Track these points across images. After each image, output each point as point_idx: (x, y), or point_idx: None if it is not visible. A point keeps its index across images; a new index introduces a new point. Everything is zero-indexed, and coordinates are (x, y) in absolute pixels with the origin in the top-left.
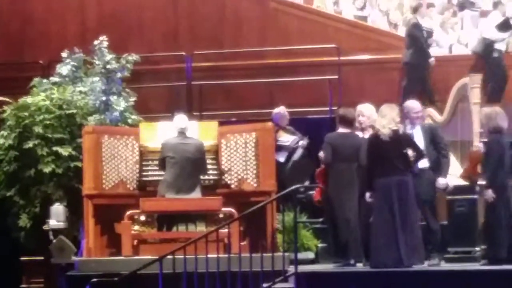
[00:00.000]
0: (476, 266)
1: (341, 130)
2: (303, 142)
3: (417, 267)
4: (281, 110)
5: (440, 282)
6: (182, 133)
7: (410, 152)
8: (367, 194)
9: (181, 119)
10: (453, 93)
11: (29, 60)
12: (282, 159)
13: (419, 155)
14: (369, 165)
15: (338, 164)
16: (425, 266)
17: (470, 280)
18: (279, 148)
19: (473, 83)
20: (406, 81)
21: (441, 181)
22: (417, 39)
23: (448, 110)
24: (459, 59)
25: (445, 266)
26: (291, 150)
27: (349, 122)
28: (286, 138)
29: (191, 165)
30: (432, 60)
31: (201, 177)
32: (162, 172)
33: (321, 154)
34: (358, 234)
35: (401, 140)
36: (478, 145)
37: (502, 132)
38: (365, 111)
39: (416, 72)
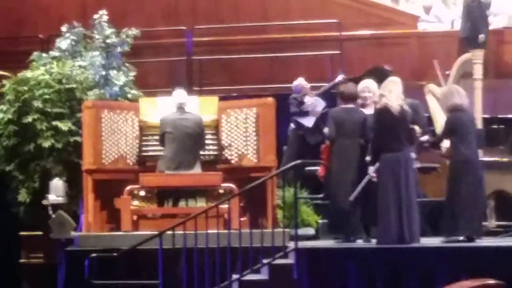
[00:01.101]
0: (477, 243)
1: (344, 105)
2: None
3: (418, 244)
4: (300, 81)
5: (441, 259)
6: (181, 108)
7: (417, 128)
8: (371, 169)
9: (180, 94)
10: (455, 69)
11: (28, 34)
12: (309, 123)
13: (424, 131)
14: (377, 139)
15: (341, 140)
16: (425, 242)
17: (472, 257)
18: (306, 114)
19: (476, 58)
20: None
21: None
22: (472, 12)
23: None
24: None
25: (446, 243)
26: (319, 116)
27: (349, 97)
28: (310, 99)
29: (190, 141)
30: (481, 36)
31: (201, 152)
32: (162, 148)
33: (326, 130)
34: (354, 210)
35: (407, 115)
36: None
37: (462, 110)
38: (372, 87)
39: (472, 47)
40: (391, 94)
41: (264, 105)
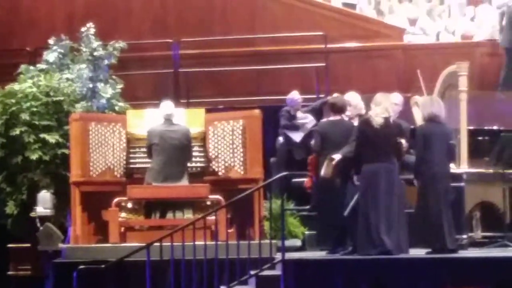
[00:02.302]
0: (462, 253)
1: (332, 117)
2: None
3: (404, 255)
4: (294, 95)
5: (427, 270)
6: (168, 120)
7: (404, 142)
8: (355, 178)
9: (167, 106)
10: (440, 81)
11: (16, 47)
12: (298, 138)
13: (409, 145)
14: (358, 150)
15: (328, 152)
16: (411, 254)
17: (457, 268)
18: (296, 128)
19: (461, 70)
20: (507, 67)
21: None
22: None
23: None
24: (446, 47)
25: (432, 254)
26: (307, 132)
27: (339, 109)
28: (302, 115)
29: (177, 152)
30: None
31: (188, 164)
32: (149, 159)
33: (312, 142)
34: (343, 222)
35: (392, 129)
36: None
37: (437, 121)
38: (352, 100)
39: None
40: (377, 107)
41: (250, 117)
